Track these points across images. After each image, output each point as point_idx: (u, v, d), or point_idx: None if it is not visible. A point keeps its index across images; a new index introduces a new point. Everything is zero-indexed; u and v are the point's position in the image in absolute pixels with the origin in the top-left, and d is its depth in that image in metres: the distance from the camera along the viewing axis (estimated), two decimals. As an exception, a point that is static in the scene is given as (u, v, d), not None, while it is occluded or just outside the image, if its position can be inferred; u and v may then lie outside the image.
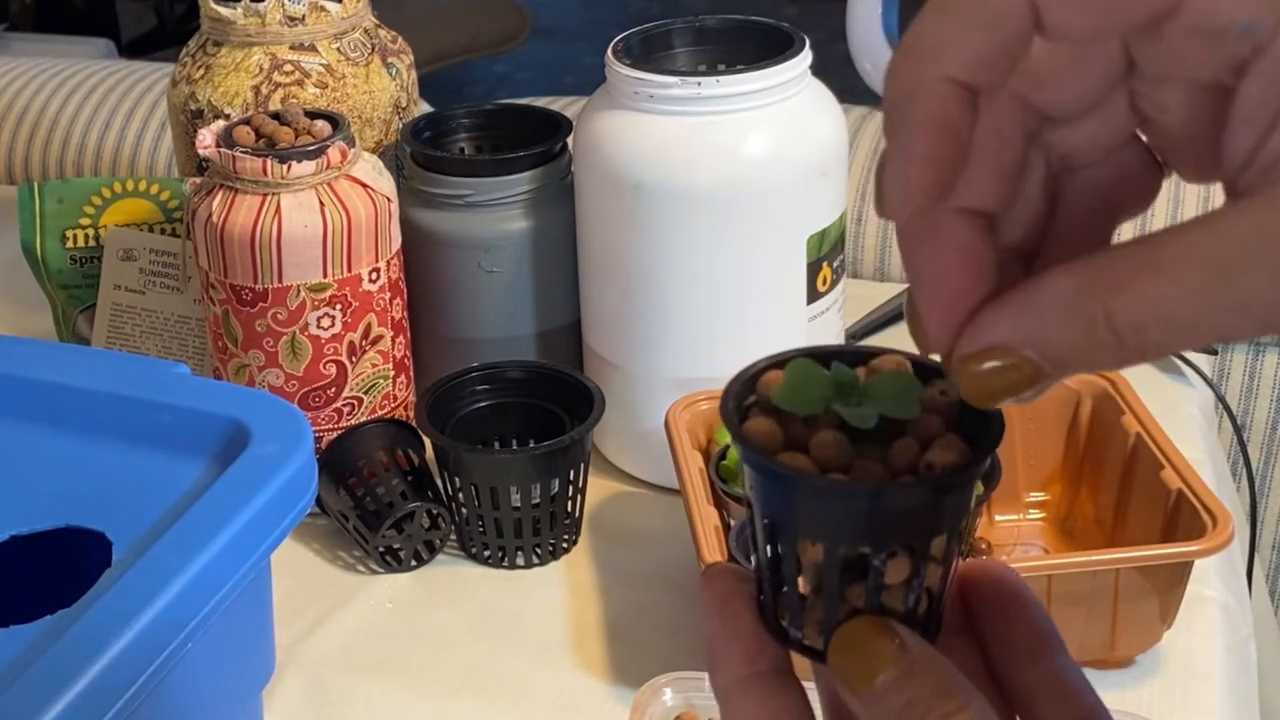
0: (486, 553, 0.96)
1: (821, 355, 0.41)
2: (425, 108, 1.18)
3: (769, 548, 0.41)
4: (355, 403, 0.97)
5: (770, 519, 0.40)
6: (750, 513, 0.41)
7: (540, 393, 0.99)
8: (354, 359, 0.96)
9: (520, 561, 0.95)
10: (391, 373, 0.99)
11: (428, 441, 0.97)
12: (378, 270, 0.95)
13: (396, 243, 0.98)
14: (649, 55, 0.99)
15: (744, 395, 0.41)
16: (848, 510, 0.39)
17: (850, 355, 0.41)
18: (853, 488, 0.38)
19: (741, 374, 0.42)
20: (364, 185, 0.94)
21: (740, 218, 0.93)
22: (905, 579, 0.40)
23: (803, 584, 0.40)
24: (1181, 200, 1.28)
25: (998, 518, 0.96)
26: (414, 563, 0.95)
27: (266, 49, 1.03)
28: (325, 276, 0.93)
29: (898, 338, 1.16)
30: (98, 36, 3.16)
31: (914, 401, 0.39)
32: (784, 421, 0.40)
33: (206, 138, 0.94)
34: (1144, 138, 0.39)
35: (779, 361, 0.41)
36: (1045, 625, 0.42)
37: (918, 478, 0.38)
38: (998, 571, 0.43)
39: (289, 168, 0.91)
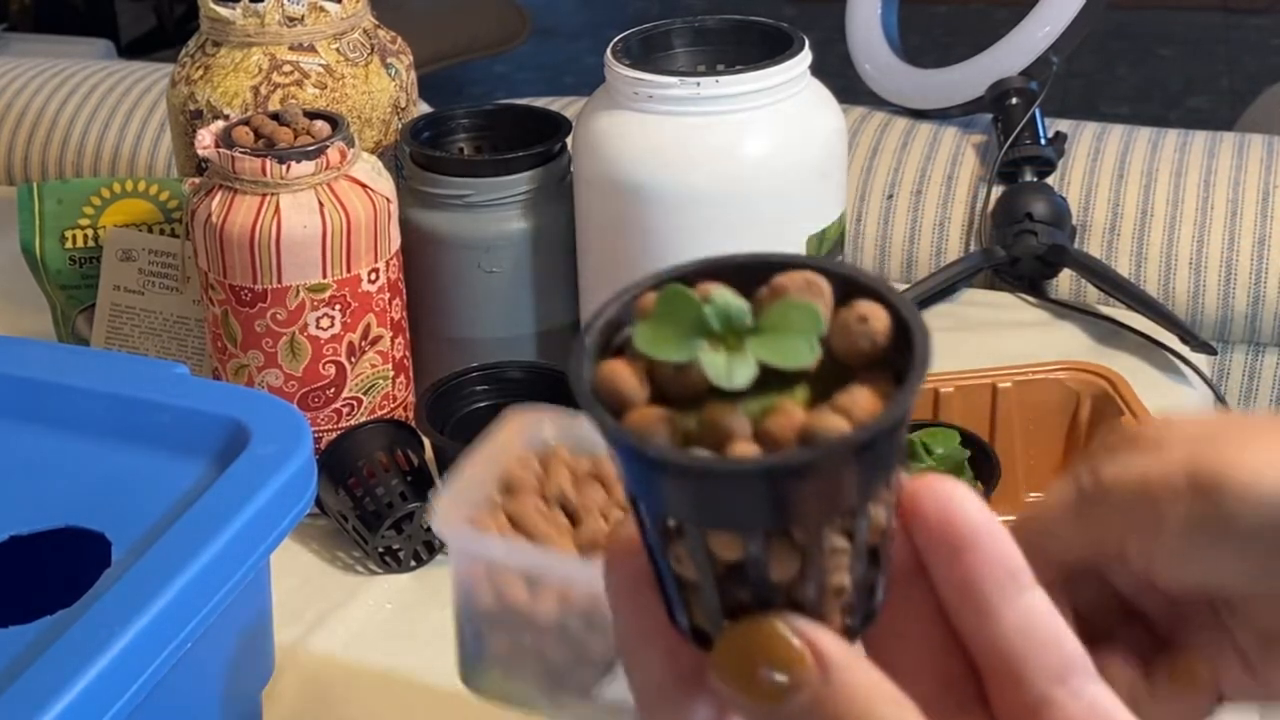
0: (486, 553, 0.95)
1: (721, 270, 0.33)
2: (425, 108, 1.18)
3: (637, 520, 0.33)
4: (355, 403, 0.97)
5: (625, 484, 0.32)
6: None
7: (540, 393, 0.99)
8: (353, 359, 0.96)
9: (520, 562, 0.95)
10: (391, 373, 0.99)
11: (427, 442, 0.97)
12: (377, 270, 0.95)
13: (396, 243, 0.98)
14: (648, 55, 0.99)
15: (617, 325, 0.34)
16: (701, 489, 0.30)
17: (756, 267, 0.33)
18: (700, 466, 0.30)
19: (618, 296, 0.34)
20: (363, 185, 0.94)
21: (740, 218, 0.93)
22: (800, 569, 0.31)
23: (675, 565, 0.32)
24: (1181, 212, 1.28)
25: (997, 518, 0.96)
26: (413, 563, 0.95)
27: (266, 49, 1.03)
28: (324, 277, 0.93)
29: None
30: (97, 37, 3.16)
31: (811, 342, 0.31)
32: (654, 367, 0.32)
33: (206, 138, 0.94)
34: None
35: (670, 278, 0.33)
36: (1010, 562, 0.34)
37: (793, 451, 0.30)
38: (944, 495, 0.34)
39: (288, 168, 0.91)
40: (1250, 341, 1.27)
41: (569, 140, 1.03)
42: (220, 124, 0.96)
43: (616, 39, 0.98)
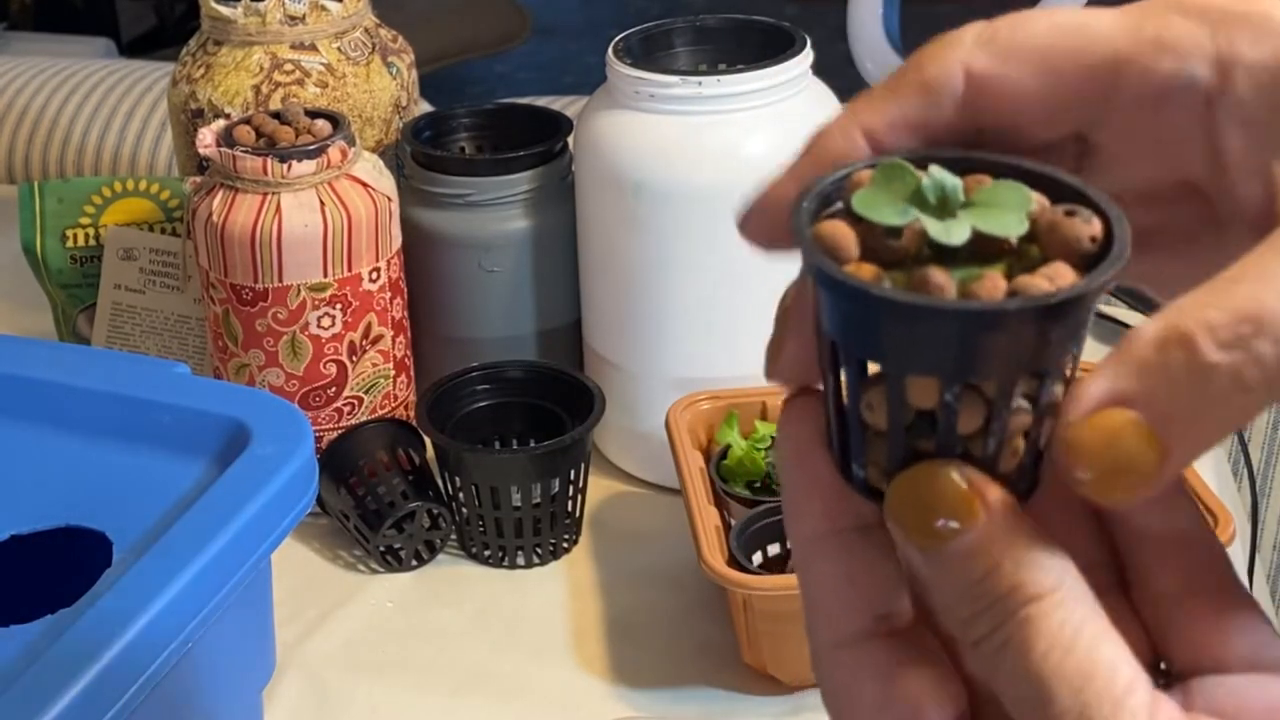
0: (487, 553, 0.95)
1: (932, 158, 0.36)
2: (426, 107, 1.18)
3: (831, 370, 0.36)
4: (356, 402, 0.97)
5: (831, 335, 0.35)
6: (816, 331, 0.36)
7: (540, 392, 0.99)
8: (354, 359, 0.96)
9: (520, 561, 0.95)
10: (392, 372, 0.99)
11: (428, 441, 0.97)
12: (378, 270, 0.95)
13: (397, 242, 0.97)
14: (649, 55, 0.99)
15: (828, 198, 0.36)
16: (913, 330, 0.33)
17: (966, 162, 0.36)
18: (919, 304, 0.32)
19: (830, 173, 0.36)
20: (364, 185, 0.94)
21: (741, 217, 0.93)
22: (983, 423, 0.34)
23: (865, 412, 0.35)
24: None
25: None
26: (414, 562, 0.95)
27: (267, 48, 1.03)
28: (325, 276, 0.93)
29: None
30: (98, 36, 3.16)
31: (1020, 217, 0.34)
32: (865, 231, 0.34)
33: (207, 137, 0.94)
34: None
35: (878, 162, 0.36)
36: None
37: (1003, 300, 0.32)
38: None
39: (289, 167, 0.91)
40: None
41: (570, 140, 1.02)
42: (221, 123, 0.96)
43: (617, 38, 0.98)
